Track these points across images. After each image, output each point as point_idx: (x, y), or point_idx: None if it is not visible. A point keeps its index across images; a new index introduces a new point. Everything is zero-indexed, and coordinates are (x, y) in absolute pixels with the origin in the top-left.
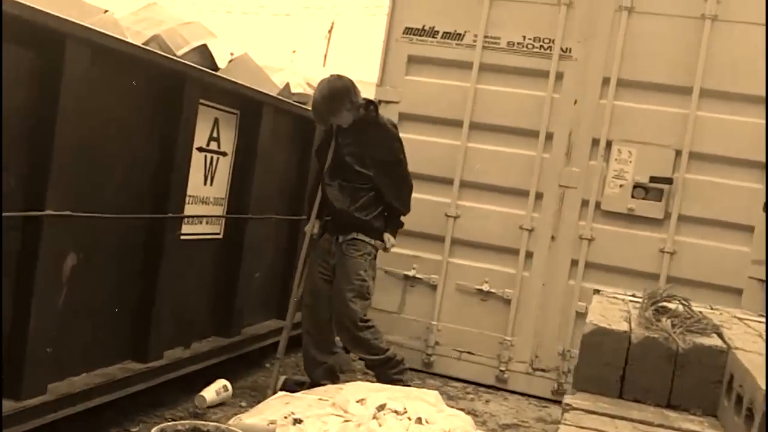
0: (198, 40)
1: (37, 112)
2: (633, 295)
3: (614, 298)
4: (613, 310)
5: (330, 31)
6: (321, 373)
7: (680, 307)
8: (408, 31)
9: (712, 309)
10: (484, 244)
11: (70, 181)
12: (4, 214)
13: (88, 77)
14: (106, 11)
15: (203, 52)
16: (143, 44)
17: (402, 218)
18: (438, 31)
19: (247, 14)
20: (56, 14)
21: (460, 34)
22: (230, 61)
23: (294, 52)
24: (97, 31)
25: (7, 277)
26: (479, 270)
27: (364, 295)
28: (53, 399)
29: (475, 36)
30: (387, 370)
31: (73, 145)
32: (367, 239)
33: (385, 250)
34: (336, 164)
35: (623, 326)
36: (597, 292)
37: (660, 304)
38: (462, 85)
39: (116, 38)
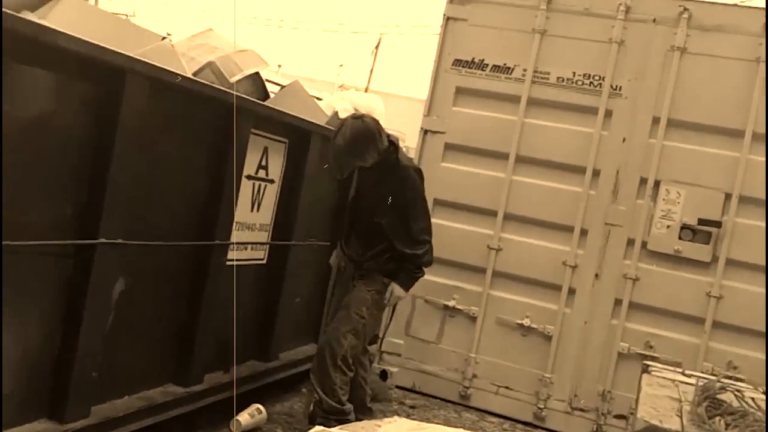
0: (251, 68)
1: (95, 143)
2: (683, 373)
3: (664, 378)
4: (664, 399)
5: (377, 48)
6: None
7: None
8: (457, 62)
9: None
10: (526, 278)
11: (123, 210)
12: (59, 242)
13: (145, 109)
14: (164, 38)
15: (255, 79)
16: (198, 71)
17: (419, 271)
18: (487, 64)
19: (297, 29)
20: (117, 50)
21: (509, 68)
22: (281, 89)
23: (341, 66)
24: (155, 66)
25: (57, 302)
26: (520, 304)
27: (359, 333)
28: (96, 422)
29: (525, 70)
30: (327, 415)
31: (128, 174)
32: (380, 277)
33: (387, 303)
34: (355, 204)
35: (675, 423)
36: (646, 366)
37: (714, 398)
38: (509, 119)
39: (173, 72)
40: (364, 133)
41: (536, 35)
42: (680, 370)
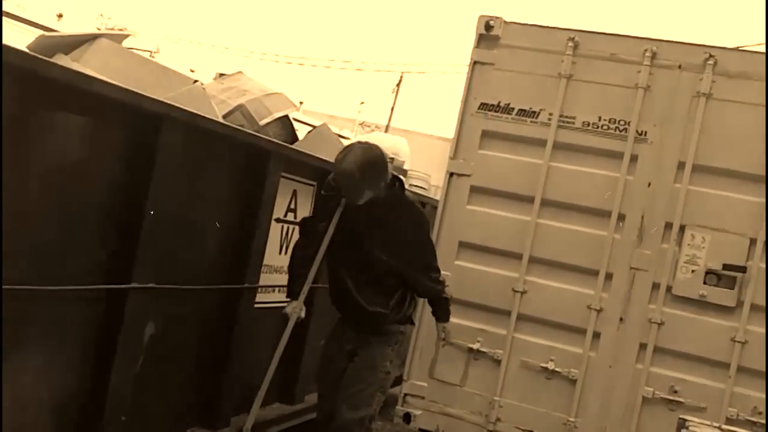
0: (280, 111)
1: (129, 188)
2: (720, 428)
3: None
4: None
5: (398, 85)
6: None
7: None
8: (483, 106)
9: None
10: (550, 321)
11: (156, 254)
12: (92, 286)
13: (179, 154)
14: (195, 81)
15: (284, 122)
16: (228, 113)
17: (447, 300)
18: (513, 108)
19: (316, 66)
20: (154, 97)
21: (535, 112)
22: (309, 132)
23: (362, 103)
24: (190, 112)
25: (89, 346)
26: (545, 347)
27: (385, 389)
28: None
29: (551, 114)
30: None
31: (161, 219)
32: (395, 328)
33: (444, 341)
34: (348, 250)
35: None
36: (683, 422)
37: None
38: (535, 162)
39: (208, 118)
40: (378, 160)
41: (562, 80)
42: (717, 424)
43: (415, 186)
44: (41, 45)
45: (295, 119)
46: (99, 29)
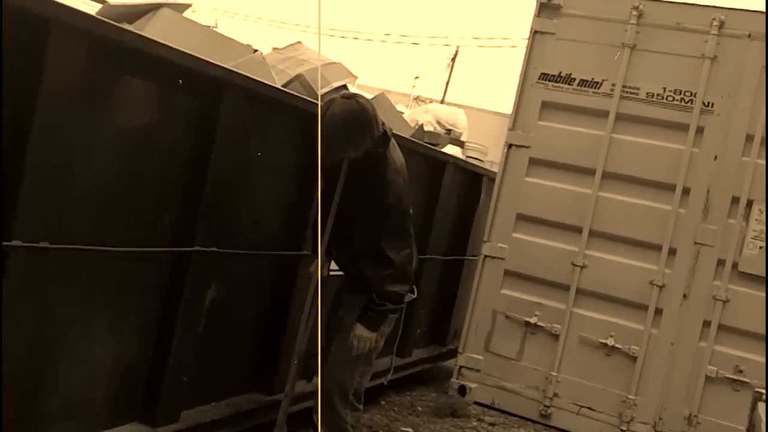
0: (339, 81)
1: (192, 153)
2: None
3: None
4: None
5: (453, 59)
6: None
7: None
8: (543, 76)
9: None
10: (611, 296)
11: (218, 219)
12: (158, 249)
13: (240, 120)
14: (255, 51)
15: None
16: (287, 83)
17: (383, 305)
18: (575, 79)
19: (371, 41)
20: (216, 63)
21: (597, 83)
22: None
23: (417, 78)
24: (251, 78)
25: (152, 309)
26: (604, 323)
27: (371, 360)
28: (185, 427)
29: (613, 85)
30: None
31: (222, 185)
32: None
33: (351, 346)
34: (339, 215)
35: None
36: (759, 395)
37: None
38: (596, 134)
39: (268, 85)
40: (359, 115)
41: (626, 50)
42: None
43: (473, 158)
44: (107, 14)
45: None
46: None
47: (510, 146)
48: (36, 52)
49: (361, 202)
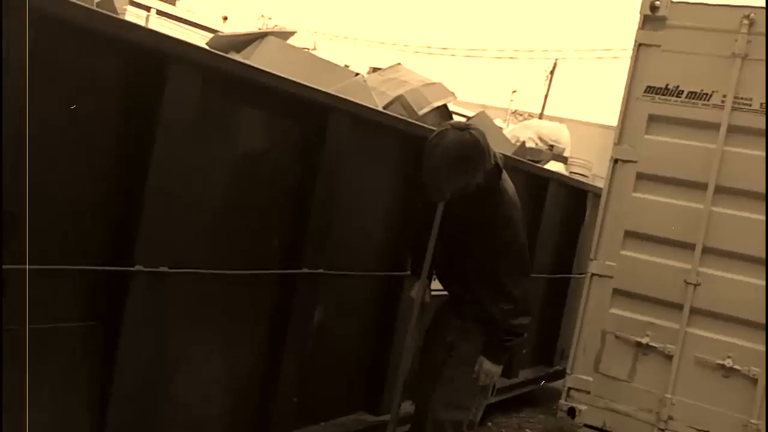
0: (438, 101)
1: (300, 178)
2: None
3: None
4: None
5: (552, 72)
6: None
7: None
8: (650, 89)
9: None
10: (727, 315)
11: (325, 241)
12: (268, 271)
13: (344, 143)
14: (357, 74)
15: (443, 111)
16: (387, 104)
17: (510, 339)
18: (683, 91)
19: (470, 57)
20: (321, 89)
21: (707, 94)
22: (468, 120)
23: (514, 92)
24: (355, 103)
25: (260, 330)
26: (721, 343)
27: (486, 389)
28: None
29: (724, 96)
30: None
31: (329, 207)
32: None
33: (476, 381)
34: (443, 233)
35: None
36: None
37: None
38: (707, 147)
39: (371, 108)
40: (472, 147)
41: (736, 60)
42: None
43: (576, 174)
44: (216, 44)
45: (455, 112)
46: (260, 29)
47: (616, 161)
48: (155, 85)
49: (474, 237)
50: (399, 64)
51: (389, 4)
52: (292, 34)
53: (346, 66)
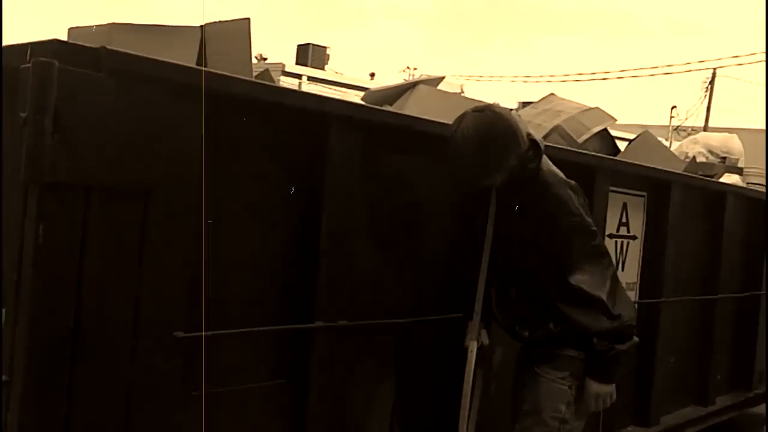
0: (598, 126)
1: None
2: None
3: None
4: None
5: (711, 83)
6: None
7: None
8: None
9: None
10: None
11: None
12: (426, 318)
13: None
14: (511, 110)
15: (603, 136)
16: (544, 136)
17: (612, 349)
18: None
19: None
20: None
21: None
22: (631, 142)
23: (674, 107)
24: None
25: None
26: None
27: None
28: None
29: None
30: None
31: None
32: (573, 353)
33: (588, 408)
34: (496, 245)
35: None
36: None
37: None
38: None
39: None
40: (499, 127)
41: None
42: None
43: (754, 184)
44: (370, 99)
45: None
46: (405, 80)
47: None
48: (318, 145)
49: (524, 240)
50: (552, 94)
51: (527, 40)
52: (441, 79)
53: (497, 104)
